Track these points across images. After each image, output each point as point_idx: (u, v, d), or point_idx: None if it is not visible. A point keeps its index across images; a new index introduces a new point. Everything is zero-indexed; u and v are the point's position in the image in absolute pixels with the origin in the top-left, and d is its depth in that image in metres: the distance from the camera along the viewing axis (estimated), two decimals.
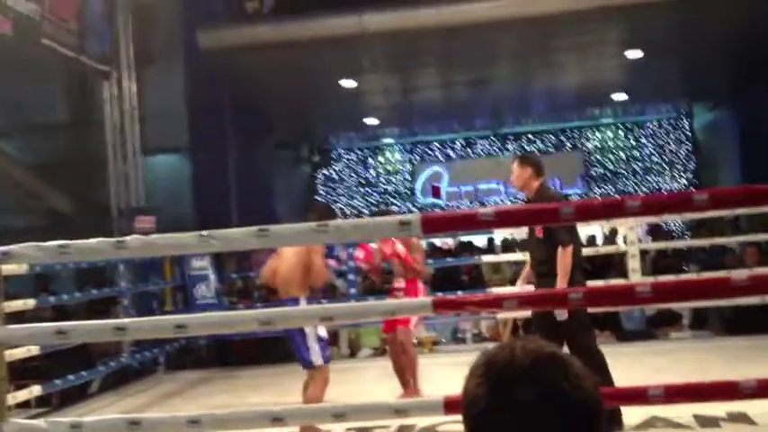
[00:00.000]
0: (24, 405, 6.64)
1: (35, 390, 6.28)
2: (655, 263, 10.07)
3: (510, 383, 1.01)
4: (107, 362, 7.82)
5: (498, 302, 3.61)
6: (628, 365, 6.70)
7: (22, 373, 6.97)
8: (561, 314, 4.51)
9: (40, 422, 3.46)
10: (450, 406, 3.27)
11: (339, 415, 3.33)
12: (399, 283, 6.22)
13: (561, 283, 4.60)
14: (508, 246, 10.96)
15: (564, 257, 4.75)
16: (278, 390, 7.03)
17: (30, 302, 6.61)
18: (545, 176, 5.23)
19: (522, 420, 0.99)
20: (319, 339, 5.09)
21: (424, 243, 12.07)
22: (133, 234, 4.68)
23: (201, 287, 8.64)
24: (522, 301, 3.66)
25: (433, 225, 3.52)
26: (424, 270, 6.37)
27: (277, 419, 3.40)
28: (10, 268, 4.84)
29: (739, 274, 3.21)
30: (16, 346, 5.63)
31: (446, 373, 6.00)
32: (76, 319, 5.84)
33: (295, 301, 5.11)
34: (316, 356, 5.07)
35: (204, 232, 3.29)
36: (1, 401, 3.21)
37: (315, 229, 3.41)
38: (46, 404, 7.14)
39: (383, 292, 6.59)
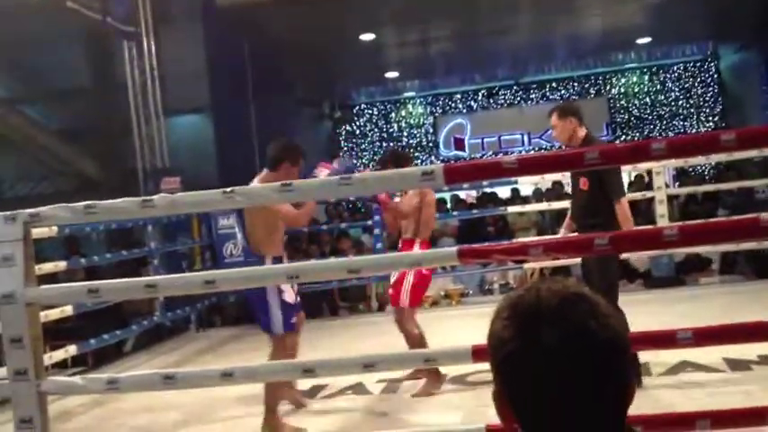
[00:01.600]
0: (61, 366, 6.80)
1: (71, 350, 6.41)
2: (683, 208, 9.98)
3: (537, 324, 1.01)
4: (140, 321, 7.96)
5: (524, 250, 3.59)
6: (656, 312, 6.72)
7: (55, 334, 7.12)
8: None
9: (77, 379, 3.54)
10: (478, 354, 3.28)
11: (369, 365, 3.36)
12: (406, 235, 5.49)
13: None
14: (540, 196, 10.89)
15: (622, 210, 4.69)
16: (307, 345, 7.11)
17: (61, 264, 6.73)
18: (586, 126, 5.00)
19: (550, 360, 1.00)
20: (284, 305, 4.68)
21: (448, 196, 12.21)
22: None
23: (229, 245, 8.70)
24: (548, 249, 3.65)
25: (455, 174, 3.50)
26: (417, 220, 5.40)
27: (308, 371, 3.45)
28: (40, 231, 4.91)
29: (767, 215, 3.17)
30: (50, 306, 5.76)
31: (474, 324, 6.02)
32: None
33: (261, 259, 4.68)
34: (276, 324, 4.66)
35: (228, 189, 3.31)
36: (38, 360, 3.28)
37: (338, 183, 3.41)
38: (82, 364, 7.29)
39: None
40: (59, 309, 6.12)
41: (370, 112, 17.45)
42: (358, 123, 17.43)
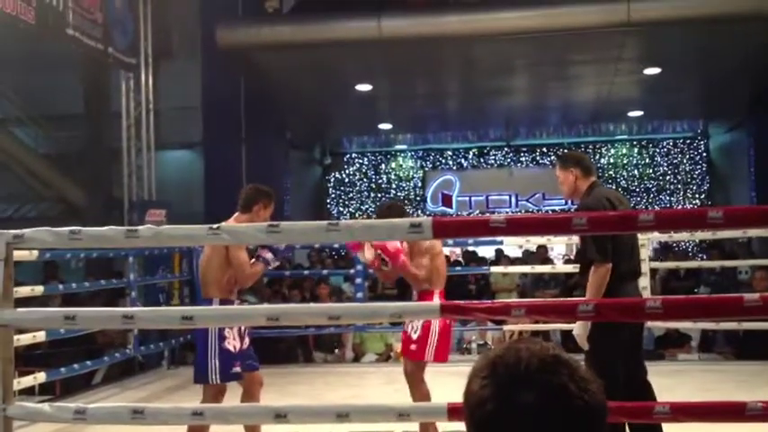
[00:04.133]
0: (28, 392, 6.66)
1: (39, 376, 6.30)
2: (665, 283, 10.02)
3: (516, 385, 1.00)
4: (112, 353, 7.84)
5: (506, 310, 3.58)
6: None
7: (26, 360, 7.00)
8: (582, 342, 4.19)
9: (45, 406, 3.46)
10: (453, 412, 3.25)
11: (342, 415, 3.32)
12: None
13: None
14: (528, 258, 10.91)
15: (593, 277, 4.21)
16: (279, 390, 7.02)
17: (38, 289, 6.64)
18: (594, 176, 4.51)
19: (528, 422, 0.99)
20: (223, 353, 4.44)
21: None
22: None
23: None
24: (531, 311, 3.64)
25: (444, 229, 3.51)
26: (430, 276, 5.09)
27: (279, 416, 3.39)
28: (21, 254, 4.86)
29: (752, 295, 3.18)
30: (24, 330, 5.66)
31: (450, 382, 5.97)
32: None
33: (209, 302, 4.52)
34: (212, 372, 4.42)
35: (215, 225, 3.29)
36: (7, 384, 3.21)
37: (325, 228, 3.40)
38: (49, 392, 7.15)
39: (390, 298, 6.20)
40: (32, 334, 6.02)
41: (361, 161, 17.52)
42: (347, 172, 17.48)
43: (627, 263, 4.40)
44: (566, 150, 15.06)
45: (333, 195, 17.31)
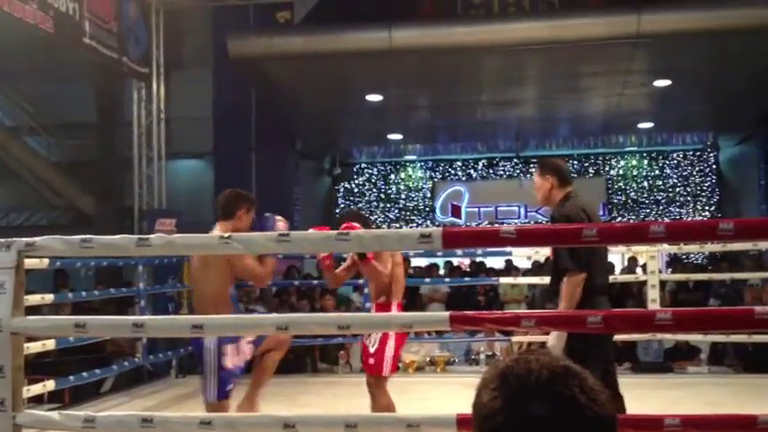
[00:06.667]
0: (37, 400, 6.68)
1: (49, 385, 6.31)
2: (674, 295, 9.98)
3: (527, 397, 1.00)
4: (121, 362, 7.85)
5: (516, 321, 3.57)
6: (643, 396, 6.64)
7: (35, 368, 7.02)
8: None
9: (54, 414, 3.47)
10: (462, 423, 3.24)
11: (351, 425, 3.31)
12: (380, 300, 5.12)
13: None
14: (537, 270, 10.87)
15: (567, 286, 4.15)
16: (289, 400, 7.02)
17: (48, 297, 6.67)
18: (571, 186, 4.47)
19: None
20: (222, 371, 4.37)
21: (441, 261, 12.19)
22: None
23: None
24: (541, 321, 3.63)
25: (454, 239, 3.51)
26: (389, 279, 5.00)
27: (288, 426, 3.39)
28: (31, 263, 4.88)
29: (763, 308, 3.17)
30: (34, 338, 5.69)
31: (458, 392, 5.96)
32: None
33: None
34: (210, 390, 4.38)
35: (225, 234, 3.30)
36: (17, 392, 3.22)
37: (336, 237, 3.40)
38: (58, 400, 7.16)
39: None
40: (41, 342, 6.04)
41: (370, 171, 17.55)
42: (357, 182, 17.51)
43: (600, 277, 4.35)
44: (546, 158, 15.05)
45: (342, 205, 17.33)
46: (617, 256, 11.32)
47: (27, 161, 11.49)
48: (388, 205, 17.31)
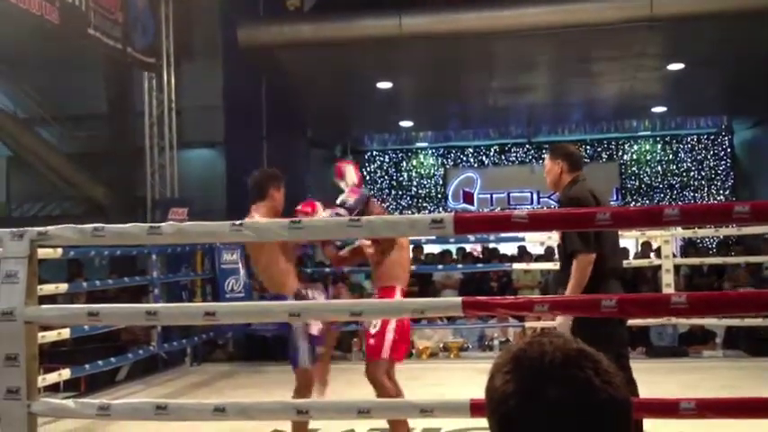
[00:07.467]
0: (52, 388, 6.73)
1: (64, 373, 6.35)
2: (689, 280, 9.94)
3: (541, 380, 0.99)
4: (136, 350, 7.90)
5: (529, 306, 3.56)
6: (658, 381, 6.62)
7: (50, 356, 7.07)
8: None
9: (69, 402, 3.49)
10: (476, 408, 3.23)
11: (364, 411, 3.31)
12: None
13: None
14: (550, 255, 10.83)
15: (576, 269, 4.13)
16: None
17: (62, 286, 6.70)
18: (581, 172, 4.48)
19: (553, 417, 0.97)
20: (311, 338, 4.62)
21: (453, 248, 12.16)
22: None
23: (231, 281, 8.68)
24: (554, 306, 3.62)
25: (466, 225, 3.49)
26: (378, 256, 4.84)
27: (302, 412, 3.40)
28: (45, 252, 4.90)
29: None
30: (49, 327, 5.72)
31: (472, 378, 5.95)
32: None
33: (280, 299, 4.65)
34: (303, 357, 4.61)
35: (237, 222, 3.30)
36: (32, 380, 3.23)
37: (347, 224, 3.40)
38: (73, 389, 7.22)
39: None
40: (56, 331, 6.08)
41: (382, 159, 17.52)
42: (368, 169, 17.48)
43: (612, 260, 4.34)
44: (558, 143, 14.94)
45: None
46: (631, 240, 11.24)
47: (40, 152, 11.53)
48: (400, 192, 17.28)
